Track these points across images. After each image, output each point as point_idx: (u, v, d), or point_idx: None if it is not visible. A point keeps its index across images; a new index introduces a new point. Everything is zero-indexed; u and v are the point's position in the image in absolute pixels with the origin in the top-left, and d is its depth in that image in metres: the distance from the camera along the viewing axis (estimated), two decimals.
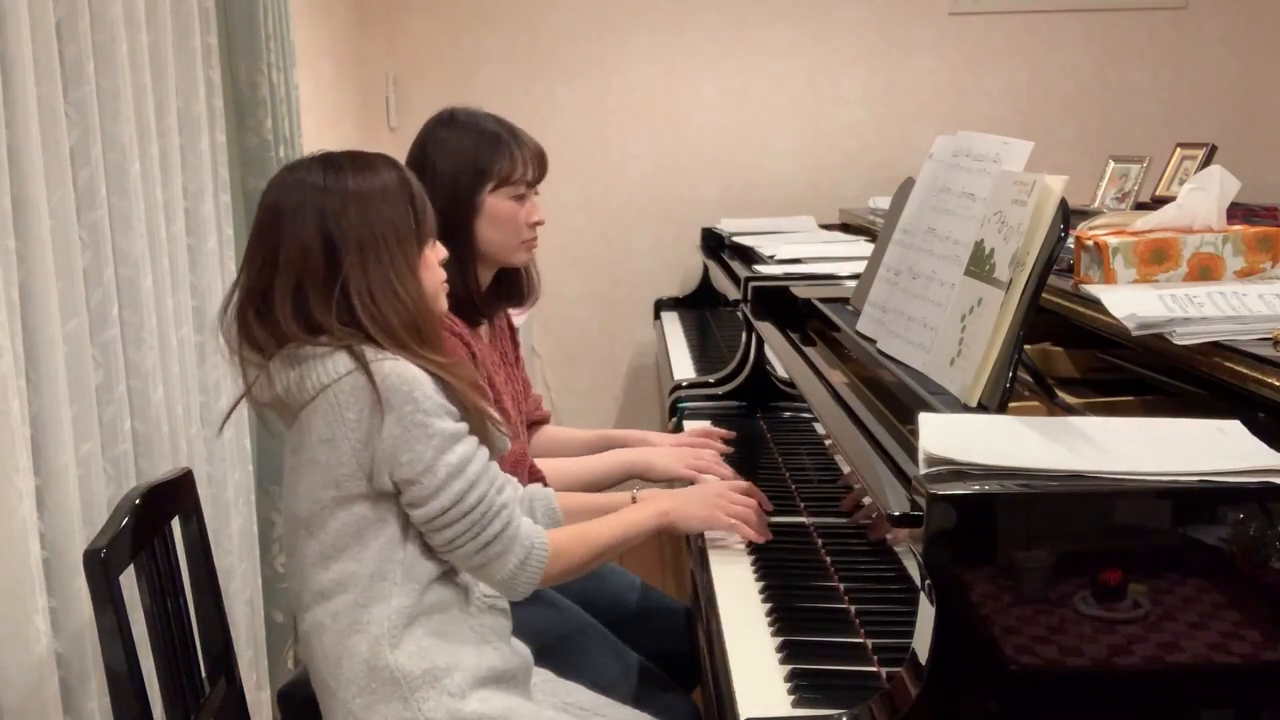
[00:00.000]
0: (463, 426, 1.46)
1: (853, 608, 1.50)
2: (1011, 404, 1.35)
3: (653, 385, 4.13)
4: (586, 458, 2.08)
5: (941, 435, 1.18)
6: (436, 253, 1.55)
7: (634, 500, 1.80)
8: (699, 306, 3.91)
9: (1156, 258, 1.58)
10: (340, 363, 1.42)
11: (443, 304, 1.57)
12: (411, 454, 1.40)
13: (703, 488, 1.82)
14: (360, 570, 1.44)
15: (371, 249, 1.45)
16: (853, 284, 2.15)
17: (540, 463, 1.93)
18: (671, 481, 2.02)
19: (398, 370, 1.41)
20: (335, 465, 1.42)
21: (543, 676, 1.63)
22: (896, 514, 1.18)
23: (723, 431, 2.19)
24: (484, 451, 1.48)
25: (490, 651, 1.50)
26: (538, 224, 1.92)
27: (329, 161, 1.50)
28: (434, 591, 1.47)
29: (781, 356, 2.13)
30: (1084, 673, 1.09)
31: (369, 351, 1.42)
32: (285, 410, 1.47)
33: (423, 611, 1.46)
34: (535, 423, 2.14)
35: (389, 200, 1.49)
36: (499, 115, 1.93)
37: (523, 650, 1.58)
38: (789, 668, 1.35)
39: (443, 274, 1.56)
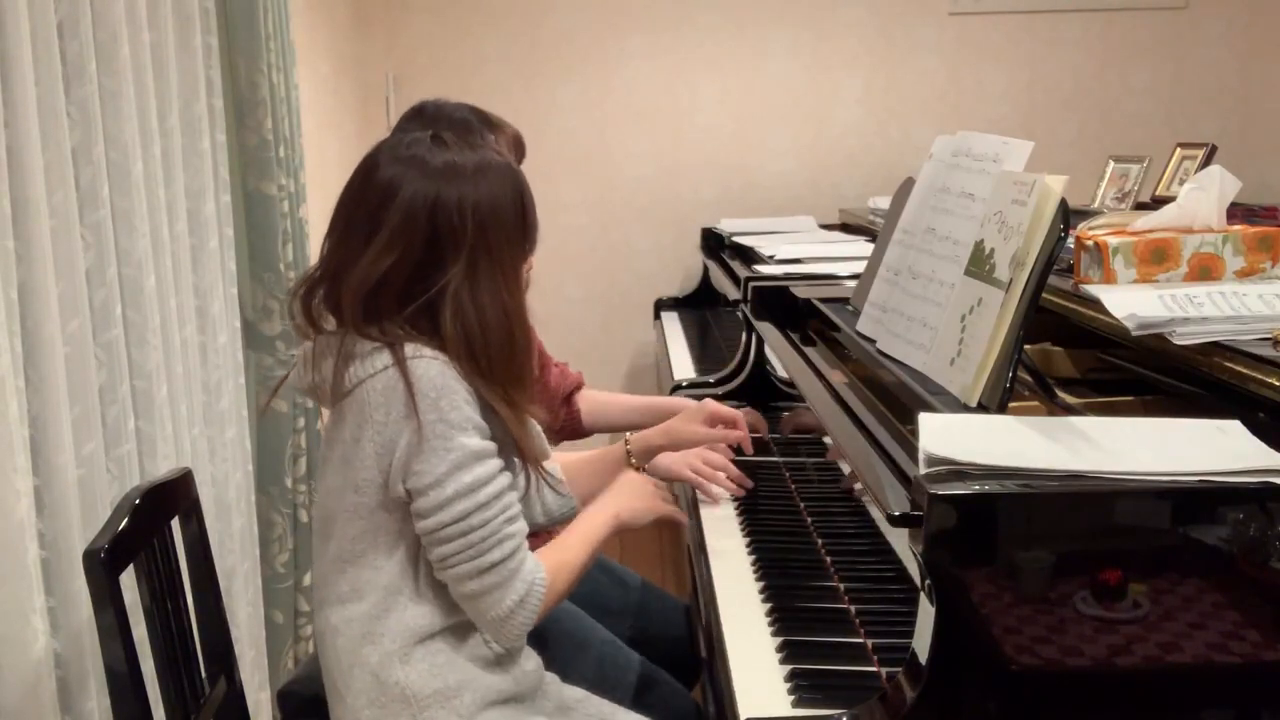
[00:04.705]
0: (489, 446, 1.38)
1: (853, 608, 1.50)
2: (1011, 404, 1.35)
3: (653, 385, 4.13)
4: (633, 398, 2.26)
5: (941, 435, 1.18)
6: (528, 265, 1.48)
7: (627, 446, 1.82)
8: (699, 306, 3.91)
9: (1156, 258, 1.58)
10: (378, 359, 1.35)
11: None
12: (425, 464, 1.34)
13: (658, 461, 1.85)
14: (377, 580, 1.41)
15: (484, 258, 1.37)
16: (853, 284, 2.15)
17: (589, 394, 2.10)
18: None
19: (430, 374, 1.34)
20: (358, 468, 1.37)
21: (546, 680, 1.62)
22: (896, 514, 1.18)
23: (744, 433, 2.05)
24: (505, 477, 1.40)
25: (501, 673, 1.47)
26: None
27: (443, 142, 1.40)
28: (451, 611, 1.43)
29: (781, 356, 2.13)
30: (1084, 673, 1.09)
31: (408, 349, 1.35)
32: (325, 398, 1.42)
33: (438, 630, 1.42)
34: (572, 391, 2.21)
35: (507, 205, 1.40)
36: (474, 105, 1.92)
37: (533, 665, 1.54)
38: (789, 668, 1.35)
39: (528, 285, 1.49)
